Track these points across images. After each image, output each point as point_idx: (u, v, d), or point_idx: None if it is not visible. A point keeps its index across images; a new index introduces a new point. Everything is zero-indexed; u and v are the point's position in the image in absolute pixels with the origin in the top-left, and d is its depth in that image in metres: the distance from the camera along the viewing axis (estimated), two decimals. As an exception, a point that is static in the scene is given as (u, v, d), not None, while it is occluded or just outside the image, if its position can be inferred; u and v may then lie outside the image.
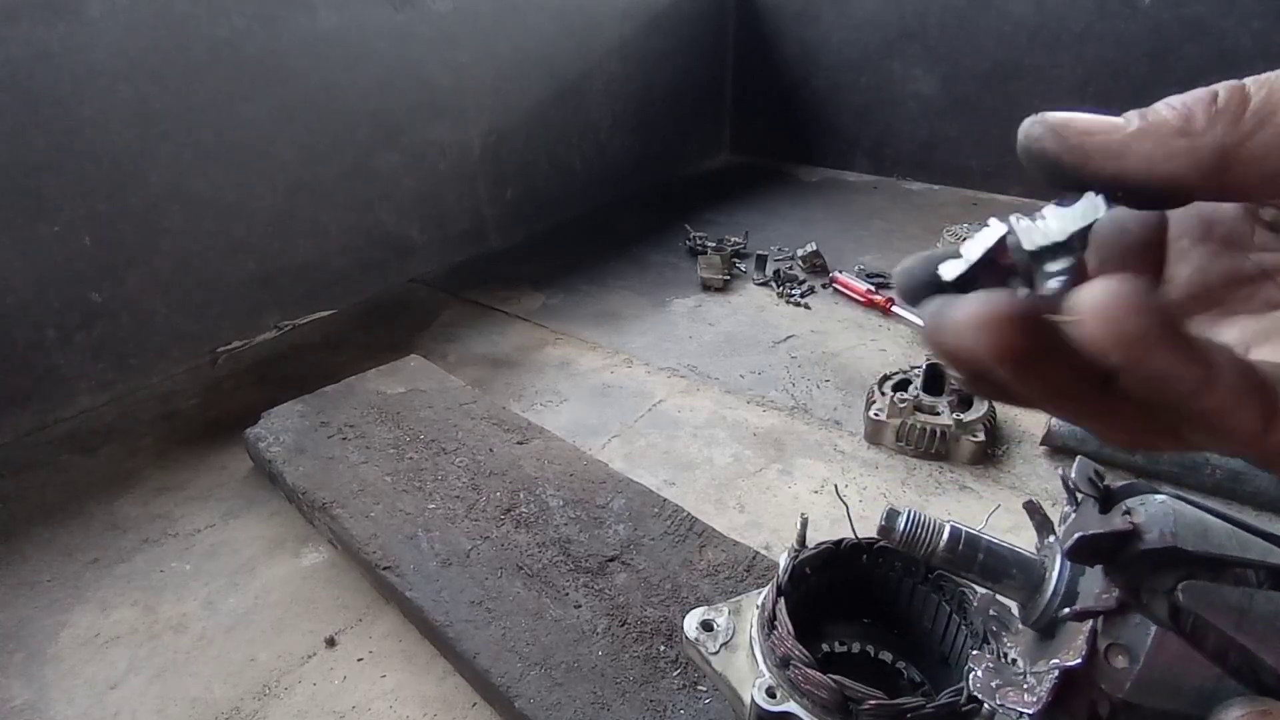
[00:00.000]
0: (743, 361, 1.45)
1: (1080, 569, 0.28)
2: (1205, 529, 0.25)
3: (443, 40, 1.74)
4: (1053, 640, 0.28)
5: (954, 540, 0.32)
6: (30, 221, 1.19)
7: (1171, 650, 0.24)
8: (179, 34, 1.29)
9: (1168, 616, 0.24)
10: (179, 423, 1.31)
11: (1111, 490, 0.28)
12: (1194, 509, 0.26)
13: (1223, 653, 0.23)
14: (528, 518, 0.93)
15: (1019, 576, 0.30)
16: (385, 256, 1.79)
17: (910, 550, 0.34)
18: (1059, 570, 0.29)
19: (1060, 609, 0.28)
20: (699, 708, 0.69)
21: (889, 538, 0.35)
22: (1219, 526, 0.25)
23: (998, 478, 1.11)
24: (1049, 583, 0.29)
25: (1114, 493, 0.28)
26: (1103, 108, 0.20)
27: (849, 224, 2.15)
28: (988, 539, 0.32)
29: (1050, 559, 0.29)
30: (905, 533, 0.35)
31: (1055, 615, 0.28)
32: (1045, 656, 0.27)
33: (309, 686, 0.82)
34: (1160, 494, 0.27)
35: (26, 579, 0.98)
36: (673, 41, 2.44)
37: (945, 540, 0.32)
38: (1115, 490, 0.28)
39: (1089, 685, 0.26)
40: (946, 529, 0.33)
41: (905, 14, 2.31)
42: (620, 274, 1.87)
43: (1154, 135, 0.18)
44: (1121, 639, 0.25)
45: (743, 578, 0.83)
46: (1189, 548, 0.24)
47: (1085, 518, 0.28)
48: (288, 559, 0.99)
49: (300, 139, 1.53)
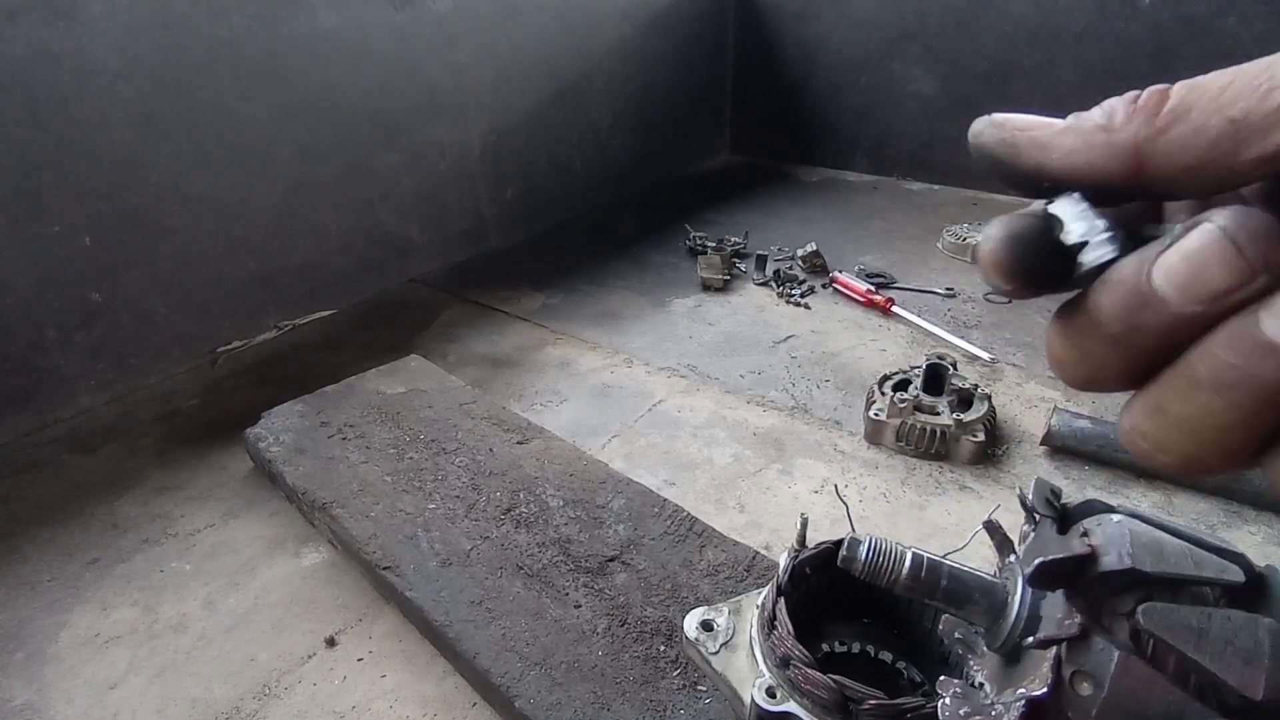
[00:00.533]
0: (743, 361, 1.45)
1: (1041, 593, 0.28)
2: (1160, 548, 0.25)
3: (443, 40, 1.74)
4: (1018, 665, 0.28)
5: (916, 568, 0.32)
6: (30, 221, 1.19)
7: (1135, 675, 0.24)
8: (179, 34, 1.29)
9: (1129, 639, 0.24)
10: (179, 423, 1.31)
11: (1068, 510, 0.28)
12: (1148, 527, 0.26)
13: (1184, 675, 0.23)
14: (528, 518, 0.93)
15: (982, 601, 0.30)
16: (385, 256, 1.79)
17: (873, 579, 0.34)
18: (1021, 594, 0.29)
19: (1024, 634, 0.28)
20: (699, 708, 0.69)
21: (851, 567, 0.35)
22: (1173, 544, 0.25)
23: (998, 478, 1.11)
24: (1011, 607, 0.29)
25: (1071, 512, 0.28)
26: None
27: (849, 224, 2.15)
28: (949, 565, 0.32)
29: (1012, 582, 0.29)
30: (867, 562, 0.34)
31: (1019, 641, 0.28)
32: (1011, 682, 0.27)
33: (309, 686, 0.82)
34: (1116, 513, 0.27)
35: (26, 579, 0.98)
36: (673, 41, 2.44)
37: (907, 569, 0.33)
38: (1072, 510, 0.28)
39: (1056, 713, 0.26)
40: (909, 557, 0.33)
41: (905, 14, 2.31)
42: (620, 274, 1.87)
43: (1077, 131, 0.19)
44: (1086, 665, 0.25)
45: (743, 578, 0.83)
46: (1146, 568, 0.24)
47: (1043, 539, 0.28)
48: (288, 559, 0.99)
49: (300, 139, 1.53)
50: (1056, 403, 1.23)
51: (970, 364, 1.40)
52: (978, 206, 2.24)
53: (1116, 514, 0.27)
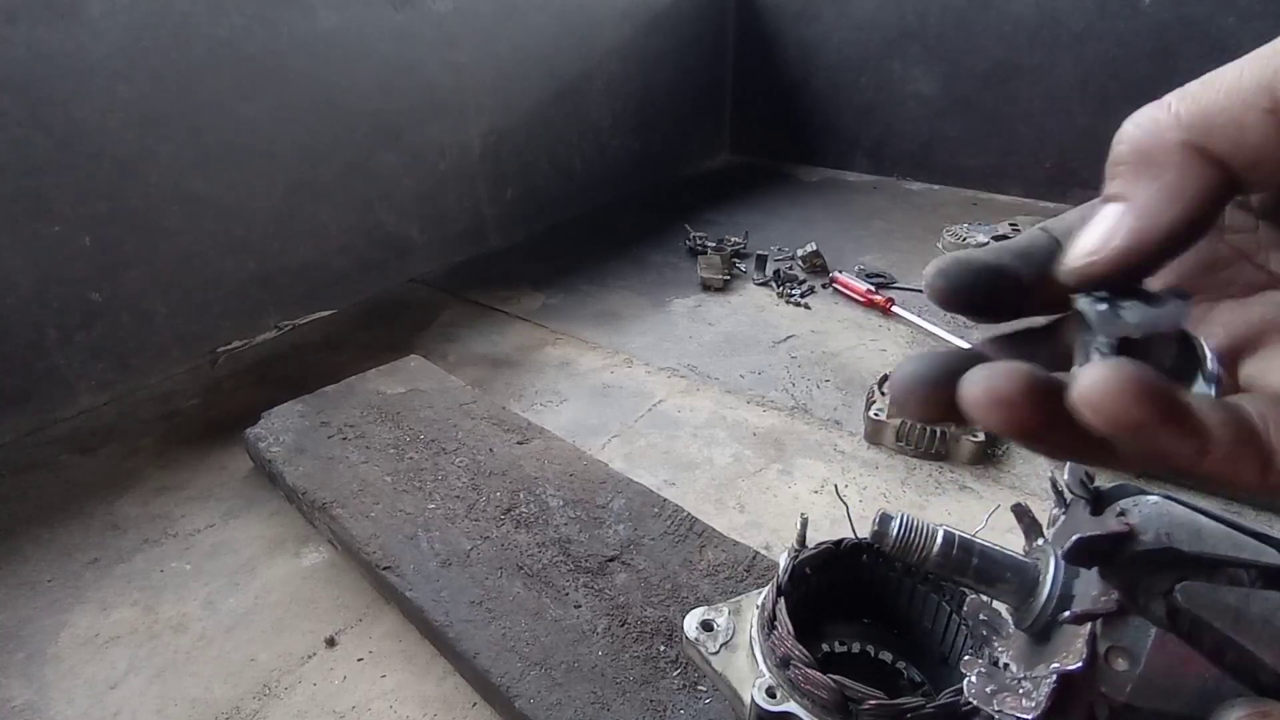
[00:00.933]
0: (743, 361, 1.45)
1: (1074, 572, 0.28)
2: (1198, 529, 0.25)
3: (443, 40, 1.74)
4: (1048, 644, 0.28)
5: (948, 545, 0.32)
6: (30, 221, 1.19)
7: (1171, 651, 0.24)
8: (179, 34, 1.29)
9: (1165, 617, 0.24)
10: (179, 423, 1.31)
11: (1102, 492, 0.28)
12: (1185, 509, 0.26)
13: (1220, 653, 0.24)
14: (528, 518, 0.93)
15: (1013, 580, 0.30)
16: (385, 256, 1.79)
17: (903, 556, 0.34)
18: (1053, 573, 0.29)
19: (1056, 612, 0.28)
20: (699, 708, 0.69)
21: (882, 543, 0.34)
22: (1211, 527, 0.25)
23: (997, 478, 1.11)
24: (1044, 585, 0.28)
25: (1105, 494, 0.28)
26: (1102, 108, 0.20)
27: (849, 224, 2.15)
28: (981, 543, 0.32)
29: (1044, 562, 0.29)
30: (898, 538, 0.34)
31: (1051, 618, 0.28)
32: (1041, 660, 0.27)
33: (309, 686, 0.82)
34: (1151, 494, 0.27)
35: (26, 579, 0.98)
36: (673, 41, 2.44)
37: (939, 545, 0.32)
38: (1106, 491, 0.28)
39: (1088, 689, 0.26)
40: (940, 534, 0.33)
41: (905, 14, 2.31)
42: (620, 274, 1.87)
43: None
44: (1122, 641, 0.25)
45: (743, 578, 0.83)
46: (1184, 548, 0.24)
47: (1077, 520, 0.28)
48: (288, 559, 0.99)
49: (300, 139, 1.53)
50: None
51: (970, 364, 1.40)
52: (978, 206, 2.24)
53: (1152, 495, 0.27)
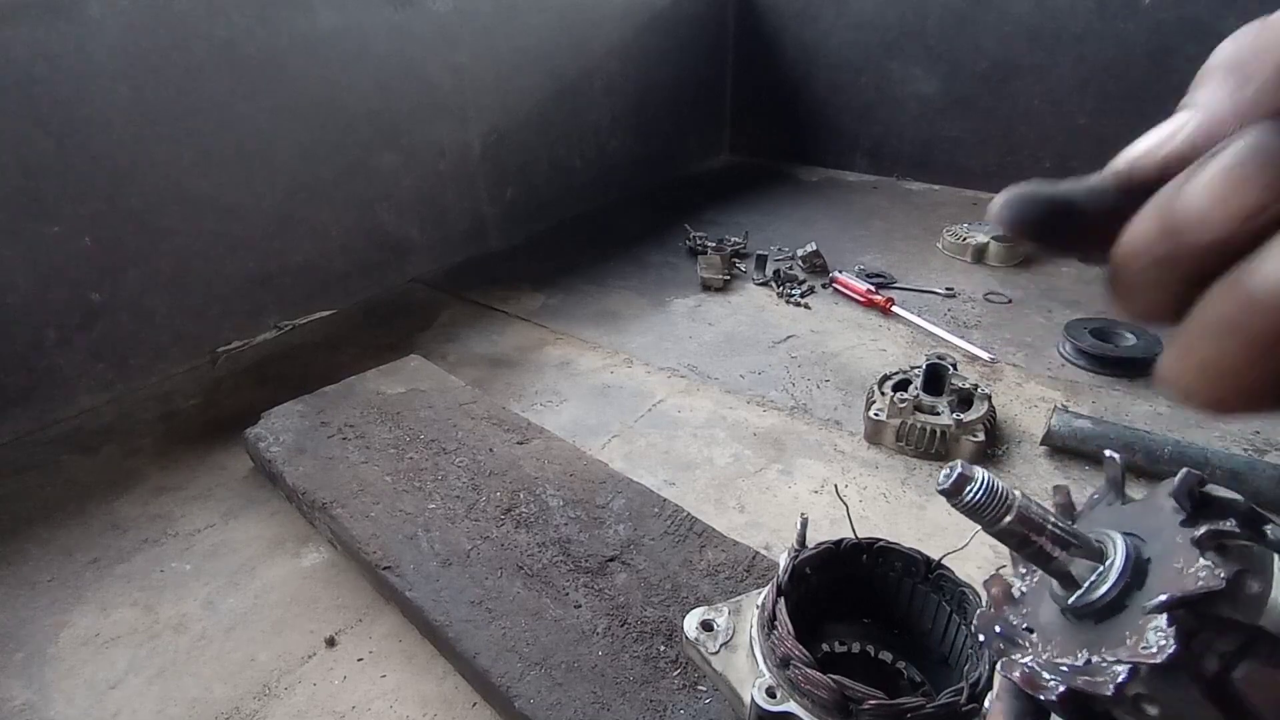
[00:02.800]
0: (743, 361, 1.45)
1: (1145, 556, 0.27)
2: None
3: (443, 40, 1.74)
4: (1093, 629, 0.26)
5: (1024, 513, 0.30)
6: (30, 222, 1.19)
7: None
8: (179, 34, 1.29)
9: (1212, 679, 0.22)
10: (179, 423, 1.31)
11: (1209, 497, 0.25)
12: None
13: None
14: (528, 518, 0.93)
15: (1079, 553, 0.29)
16: (385, 256, 1.79)
17: (972, 517, 0.32)
18: (1124, 550, 0.27)
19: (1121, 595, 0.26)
20: (699, 708, 0.69)
21: (953, 501, 0.32)
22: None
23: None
24: (1114, 560, 0.26)
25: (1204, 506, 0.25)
26: (1102, 108, 0.19)
27: (849, 224, 2.15)
28: (1053, 517, 0.31)
29: (1108, 543, 0.28)
30: (972, 500, 0.32)
31: (1112, 600, 0.26)
32: (1091, 645, 0.26)
33: (309, 686, 0.82)
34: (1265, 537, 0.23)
35: (26, 579, 0.98)
36: (673, 41, 2.44)
37: (1014, 514, 0.30)
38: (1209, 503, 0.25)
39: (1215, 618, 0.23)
40: (1015, 503, 0.31)
41: (905, 14, 2.31)
42: (620, 274, 1.87)
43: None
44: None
45: (743, 578, 0.83)
46: (1273, 630, 0.21)
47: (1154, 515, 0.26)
48: (288, 559, 0.99)
49: (300, 139, 1.53)
50: (1056, 403, 1.23)
51: (970, 364, 1.40)
52: (977, 206, 2.24)
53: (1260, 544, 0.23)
